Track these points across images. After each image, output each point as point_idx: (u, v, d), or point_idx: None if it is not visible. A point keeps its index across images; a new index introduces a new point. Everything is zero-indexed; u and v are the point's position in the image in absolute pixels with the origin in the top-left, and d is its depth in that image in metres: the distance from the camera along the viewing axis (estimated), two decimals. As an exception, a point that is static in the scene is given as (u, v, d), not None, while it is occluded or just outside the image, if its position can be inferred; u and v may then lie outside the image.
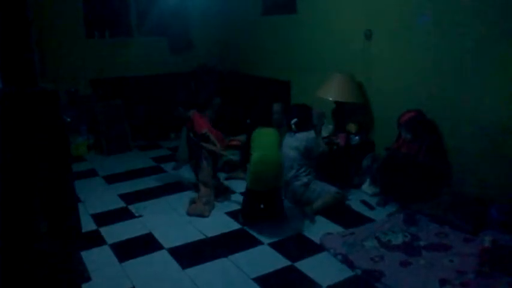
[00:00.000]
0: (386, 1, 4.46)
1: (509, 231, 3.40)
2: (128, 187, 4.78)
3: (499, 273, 2.87)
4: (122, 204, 4.36)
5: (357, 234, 3.52)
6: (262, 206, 3.92)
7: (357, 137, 4.73)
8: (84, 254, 3.34)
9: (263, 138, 3.91)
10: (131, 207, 4.26)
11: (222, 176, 5.00)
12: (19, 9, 2.71)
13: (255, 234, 3.69)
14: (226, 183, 4.82)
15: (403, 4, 4.29)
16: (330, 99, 4.72)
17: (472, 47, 3.77)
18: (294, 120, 4.22)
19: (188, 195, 4.54)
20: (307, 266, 3.20)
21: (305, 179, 4.11)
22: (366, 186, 4.46)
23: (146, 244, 3.57)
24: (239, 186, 4.71)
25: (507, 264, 2.94)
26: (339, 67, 4.93)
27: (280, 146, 4.00)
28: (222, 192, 4.49)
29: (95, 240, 3.63)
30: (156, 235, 3.71)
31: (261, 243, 3.55)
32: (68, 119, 5.63)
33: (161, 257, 3.37)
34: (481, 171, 3.84)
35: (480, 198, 3.74)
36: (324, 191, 4.06)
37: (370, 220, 3.88)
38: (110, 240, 3.63)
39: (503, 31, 3.54)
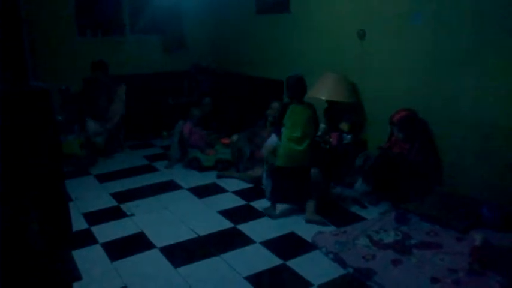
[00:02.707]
0: (380, 1, 4.47)
1: (500, 230, 3.43)
2: (120, 186, 4.76)
3: (489, 272, 2.89)
4: (113, 203, 4.34)
5: (349, 233, 3.53)
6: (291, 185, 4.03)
7: (349, 136, 4.74)
8: (75, 253, 3.32)
9: (297, 115, 3.95)
10: (123, 206, 4.24)
11: (213, 174, 5.01)
12: (11, 7, 2.69)
13: (247, 232, 3.69)
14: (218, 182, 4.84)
15: (397, 4, 4.31)
16: (323, 98, 4.73)
17: (466, 47, 3.79)
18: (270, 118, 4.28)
19: (180, 193, 4.54)
20: (299, 264, 3.21)
21: None
22: (358, 185, 4.46)
23: (138, 243, 3.56)
24: (231, 184, 4.71)
25: (498, 263, 2.96)
26: (332, 66, 4.94)
27: (312, 123, 4.02)
28: None
29: (86, 239, 3.61)
30: (148, 234, 3.69)
31: (253, 241, 3.55)
32: (60, 118, 5.59)
33: (153, 256, 3.36)
34: (472, 170, 3.86)
35: (471, 197, 3.77)
36: None
37: (362, 219, 3.89)
38: (101, 239, 3.61)
39: (498, 31, 3.56)
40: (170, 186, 4.75)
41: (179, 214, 4.06)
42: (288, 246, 3.49)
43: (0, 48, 2.64)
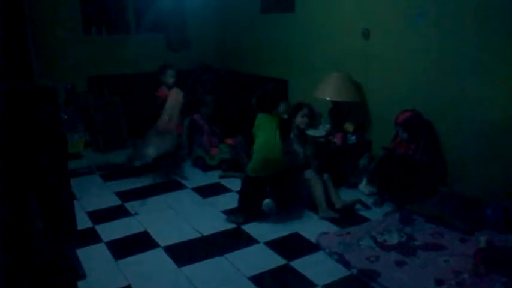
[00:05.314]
0: (385, 0, 4.46)
1: (505, 231, 3.41)
2: (124, 185, 4.77)
3: (494, 273, 2.88)
4: (118, 201, 4.35)
5: (353, 234, 3.52)
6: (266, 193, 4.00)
7: (353, 137, 4.73)
8: (79, 252, 3.33)
9: (267, 124, 3.94)
10: (127, 205, 4.25)
11: (217, 173, 5.02)
12: (15, 5, 2.70)
13: (251, 233, 3.69)
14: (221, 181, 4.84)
15: (401, 3, 4.30)
16: (327, 98, 4.72)
17: (471, 46, 3.77)
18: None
19: (184, 193, 4.54)
20: (303, 265, 3.20)
21: None
22: (363, 186, 4.46)
23: (142, 242, 3.57)
24: (235, 184, 4.70)
25: (502, 264, 2.95)
26: (337, 66, 4.93)
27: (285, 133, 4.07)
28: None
29: (91, 237, 3.62)
30: (152, 233, 3.70)
31: (256, 241, 3.55)
32: (65, 116, 5.61)
33: (157, 255, 3.37)
34: (477, 171, 3.85)
35: (476, 198, 3.76)
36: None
37: (366, 220, 3.89)
38: (105, 238, 3.62)
39: (502, 31, 3.54)
40: (174, 185, 4.75)
41: (183, 213, 4.06)
42: (291, 246, 3.49)
43: (5, 47, 2.64)
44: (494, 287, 2.78)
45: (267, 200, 3.91)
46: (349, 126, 4.80)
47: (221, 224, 3.85)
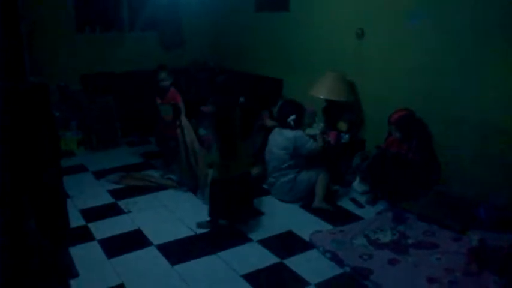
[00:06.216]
0: (379, 0, 4.48)
1: (497, 230, 3.44)
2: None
3: (486, 272, 2.90)
4: (111, 200, 4.33)
5: (346, 232, 3.53)
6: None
7: (347, 135, 4.74)
8: (72, 250, 3.32)
9: (237, 119, 3.72)
10: (120, 203, 4.23)
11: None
12: (9, 4, 2.68)
13: (244, 231, 3.69)
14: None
15: (395, 3, 4.31)
16: (321, 97, 4.73)
17: (465, 47, 3.79)
18: (292, 117, 4.16)
19: (177, 191, 4.53)
20: (296, 263, 3.21)
21: (291, 175, 4.13)
22: (356, 184, 4.47)
23: (135, 240, 3.56)
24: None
25: (494, 263, 2.97)
26: (331, 65, 4.94)
27: None
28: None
29: (84, 236, 3.60)
30: (145, 231, 3.69)
31: (250, 240, 3.55)
32: (57, 114, 5.57)
33: (150, 254, 3.36)
34: (469, 170, 3.87)
35: (468, 197, 3.78)
36: (312, 179, 4.12)
37: (359, 218, 3.90)
38: (98, 236, 3.61)
39: (498, 31, 3.57)
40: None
41: (176, 212, 4.05)
42: (285, 244, 3.50)
43: (-1, 44, 2.62)
44: (486, 285, 2.81)
45: None
46: (342, 125, 4.81)
47: (215, 222, 3.84)
